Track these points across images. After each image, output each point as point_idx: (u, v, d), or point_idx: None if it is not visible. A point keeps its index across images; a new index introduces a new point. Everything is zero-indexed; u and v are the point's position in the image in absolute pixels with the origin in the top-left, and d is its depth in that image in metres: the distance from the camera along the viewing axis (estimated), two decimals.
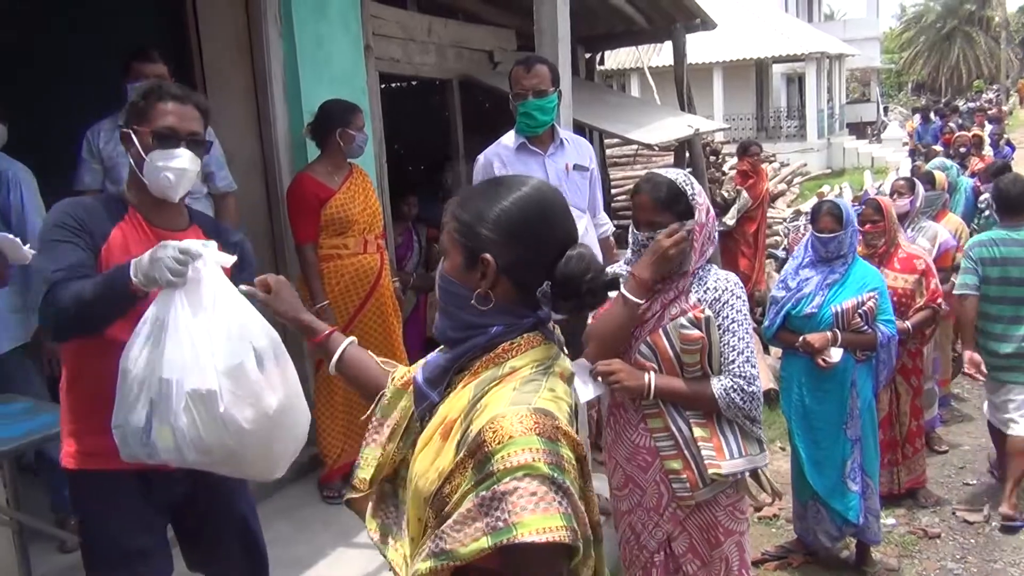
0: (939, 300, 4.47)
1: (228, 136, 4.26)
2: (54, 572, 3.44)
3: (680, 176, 2.47)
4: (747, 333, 2.41)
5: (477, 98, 6.87)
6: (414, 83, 7.68)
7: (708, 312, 2.39)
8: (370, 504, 1.71)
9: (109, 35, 4.62)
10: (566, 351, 1.56)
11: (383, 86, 5.52)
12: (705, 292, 2.43)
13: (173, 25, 4.52)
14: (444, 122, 6.71)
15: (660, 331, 2.43)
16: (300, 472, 4.49)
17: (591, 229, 3.89)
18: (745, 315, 2.42)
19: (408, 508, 1.51)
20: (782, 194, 15.45)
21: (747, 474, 2.48)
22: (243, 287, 2.02)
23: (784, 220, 11.82)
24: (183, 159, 2.29)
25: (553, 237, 1.47)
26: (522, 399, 1.36)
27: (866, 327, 3.81)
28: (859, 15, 37.96)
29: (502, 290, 1.45)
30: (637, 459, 2.55)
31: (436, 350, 1.59)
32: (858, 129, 28.94)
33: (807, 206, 12.93)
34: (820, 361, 3.76)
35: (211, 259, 2.12)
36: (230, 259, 2.18)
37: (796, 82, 27.63)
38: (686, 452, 2.44)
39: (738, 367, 2.38)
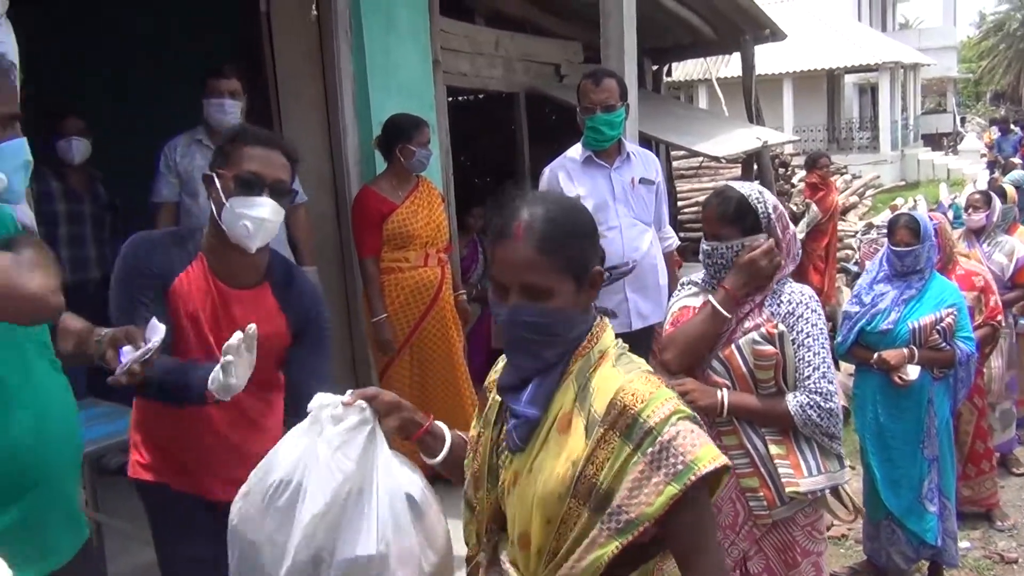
0: (998, 317, 4.33)
1: (299, 148, 4.32)
2: (129, 570, 3.53)
3: (754, 192, 2.42)
4: (823, 348, 2.33)
5: (543, 110, 6.90)
6: (481, 96, 7.74)
7: (781, 327, 2.32)
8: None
9: (190, 55, 4.78)
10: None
11: (450, 99, 5.57)
12: (779, 306, 2.37)
13: (248, 42, 4.64)
14: (510, 135, 6.75)
15: (733, 346, 2.37)
16: None
17: (656, 242, 3.87)
18: (821, 329, 2.34)
19: (527, 521, 1.48)
20: (854, 207, 15.12)
21: (827, 492, 2.40)
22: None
23: (856, 233, 11.57)
24: (264, 208, 2.14)
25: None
26: (631, 369, 1.48)
27: (944, 344, 3.70)
28: (935, 23, 36.96)
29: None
30: None
31: (518, 392, 1.51)
32: (933, 141, 28.19)
33: (880, 219, 12.63)
34: (896, 379, 3.66)
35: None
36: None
37: (869, 92, 27.07)
38: (762, 469, 2.36)
39: (814, 383, 2.30)
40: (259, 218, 2.13)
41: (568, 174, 3.68)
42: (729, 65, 18.48)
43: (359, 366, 4.69)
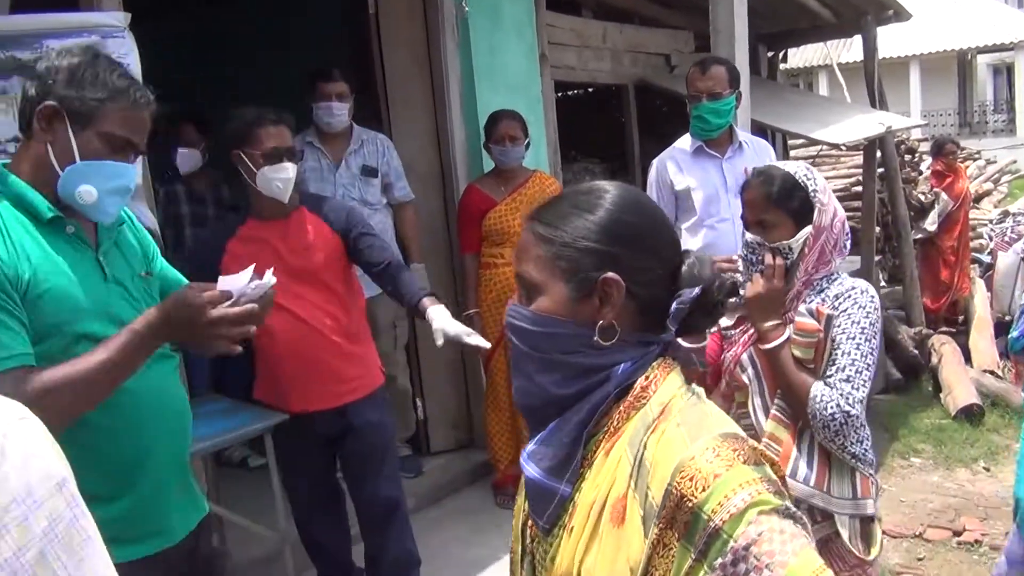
0: None
1: (408, 146, 4.41)
2: (247, 562, 3.65)
3: (800, 169, 2.12)
4: (858, 350, 2.01)
5: (654, 102, 6.77)
6: (590, 89, 7.67)
7: (831, 311, 2.03)
8: None
9: (301, 60, 4.89)
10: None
11: (558, 94, 5.54)
12: (823, 301, 2.07)
13: (357, 43, 4.72)
14: (620, 127, 6.66)
15: (791, 331, 2.08)
16: (475, 475, 4.57)
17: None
18: (863, 329, 2.02)
19: None
20: (988, 193, 14.28)
21: (847, 521, 2.01)
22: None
23: (990, 222, 10.92)
24: (288, 170, 2.79)
25: (669, 239, 1.20)
26: (700, 432, 1.05)
27: None
28: None
29: (626, 316, 1.14)
30: None
31: (536, 431, 1.22)
32: None
33: (1016, 206, 11.89)
34: None
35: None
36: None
37: (1004, 73, 25.55)
38: None
39: (835, 382, 2.00)
40: (286, 178, 2.79)
41: (677, 165, 3.59)
42: (851, 49, 17.77)
43: (468, 359, 4.72)
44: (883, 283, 7.83)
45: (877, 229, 7.25)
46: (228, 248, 2.84)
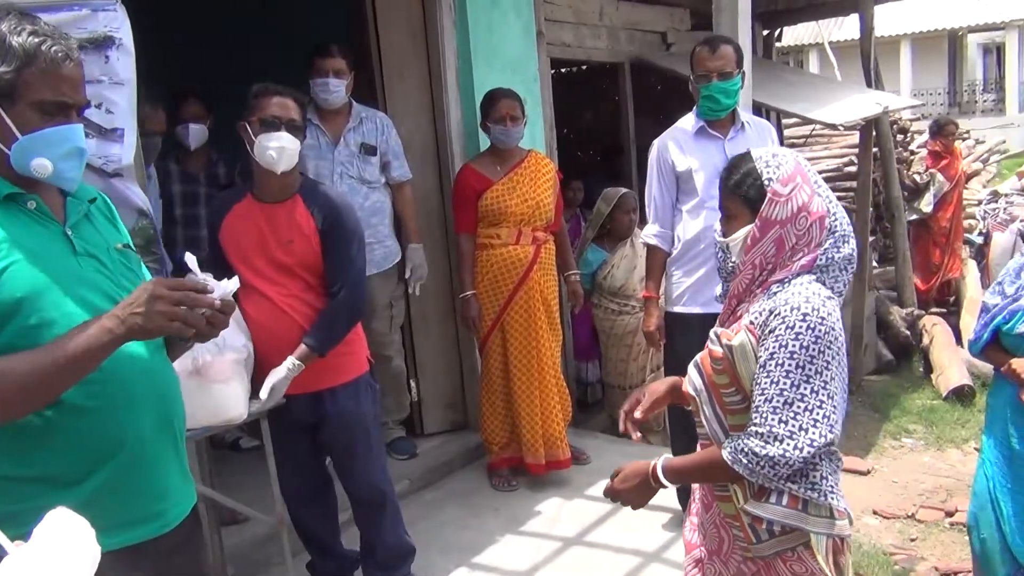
0: None
1: (404, 125, 4.36)
2: (243, 544, 3.63)
3: (765, 153, 1.95)
4: (787, 376, 1.78)
5: (649, 81, 6.72)
6: (584, 67, 7.61)
7: (743, 338, 1.85)
8: None
9: (298, 38, 4.82)
10: None
11: (553, 72, 5.48)
12: (761, 313, 1.85)
13: (354, 20, 4.65)
14: (615, 106, 6.60)
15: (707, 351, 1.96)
16: (470, 457, 4.56)
17: None
18: (792, 352, 1.78)
19: None
20: (977, 173, 14.29)
21: (823, 543, 1.90)
22: None
23: (980, 202, 10.94)
24: (283, 139, 2.77)
25: None
26: None
27: None
28: None
29: None
30: (701, 491, 2.11)
31: None
32: None
33: (1006, 187, 11.91)
34: None
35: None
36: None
37: (994, 52, 25.54)
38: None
39: (760, 417, 1.81)
40: (280, 147, 2.77)
41: (679, 145, 3.55)
42: (842, 28, 17.69)
43: (462, 341, 4.70)
44: (875, 264, 7.84)
45: (870, 210, 7.24)
46: (225, 222, 2.91)
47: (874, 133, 6.66)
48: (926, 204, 7.49)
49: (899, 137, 8.86)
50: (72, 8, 2.68)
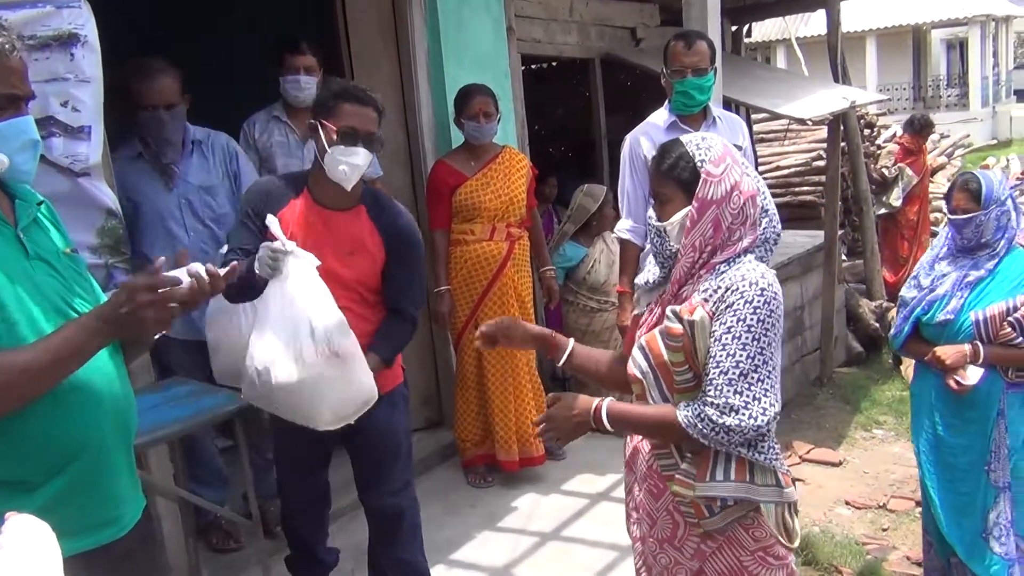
0: None
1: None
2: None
3: (696, 138, 1.99)
4: (744, 348, 1.85)
5: (619, 77, 6.74)
6: (555, 63, 7.62)
7: (702, 314, 1.89)
8: None
9: (264, 31, 4.78)
10: None
11: (524, 68, 5.48)
12: (715, 291, 1.90)
13: (322, 15, 4.62)
14: (586, 102, 6.62)
15: (656, 331, 1.97)
16: (446, 454, 4.55)
17: None
18: (750, 326, 1.85)
19: None
20: (942, 167, 14.47)
21: (772, 509, 1.99)
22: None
23: (944, 196, 11.10)
24: (359, 156, 2.63)
25: None
26: None
27: (1020, 339, 2.99)
28: None
29: None
30: (650, 482, 2.10)
31: None
32: None
33: None
34: (952, 382, 3.02)
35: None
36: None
37: (958, 48, 25.94)
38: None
39: (715, 390, 1.86)
40: (355, 164, 2.63)
41: (651, 140, 3.56)
42: (809, 24, 17.87)
43: (437, 338, 4.68)
44: (844, 257, 7.92)
45: (839, 203, 7.31)
46: (279, 216, 2.60)
47: (842, 128, 6.71)
48: (895, 198, 7.57)
49: (866, 132, 8.96)
50: (36, 5, 2.64)
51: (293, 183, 2.78)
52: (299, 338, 2.44)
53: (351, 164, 2.62)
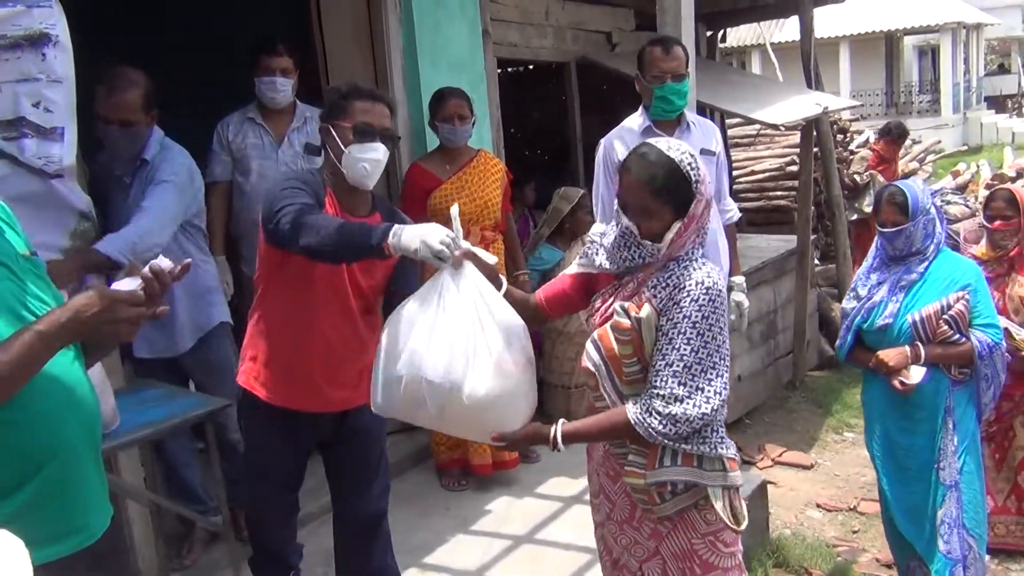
0: None
1: None
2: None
3: (684, 155, 2.02)
4: (688, 343, 1.96)
5: (595, 80, 6.77)
6: (531, 67, 7.63)
7: (649, 310, 2.00)
8: None
9: (237, 32, 4.74)
10: None
11: (500, 71, 5.49)
12: (665, 288, 2.02)
13: (297, 17, 4.60)
14: (561, 106, 6.63)
15: (608, 325, 2.07)
16: (419, 458, 4.54)
17: (716, 215, 3.75)
18: (695, 322, 1.96)
19: None
20: (914, 173, 14.67)
21: (719, 493, 2.07)
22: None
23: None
24: (378, 152, 2.53)
25: None
26: None
27: (958, 336, 3.12)
28: None
29: None
30: (607, 466, 2.23)
31: None
32: (997, 103, 27.31)
33: (940, 185, 12.24)
34: (896, 383, 3.12)
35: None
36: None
37: (929, 54, 26.28)
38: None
39: (660, 381, 1.97)
40: (375, 160, 2.53)
41: (626, 144, 3.57)
42: (783, 30, 18.02)
43: None
44: (816, 261, 7.99)
45: (812, 208, 7.38)
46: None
47: (815, 133, 6.78)
48: (867, 204, 7.64)
49: (839, 137, 9.05)
50: (6, 4, 2.61)
51: (317, 181, 2.63)
52: (494, 347, 2.14)
53: (371, 160, 2.52)
